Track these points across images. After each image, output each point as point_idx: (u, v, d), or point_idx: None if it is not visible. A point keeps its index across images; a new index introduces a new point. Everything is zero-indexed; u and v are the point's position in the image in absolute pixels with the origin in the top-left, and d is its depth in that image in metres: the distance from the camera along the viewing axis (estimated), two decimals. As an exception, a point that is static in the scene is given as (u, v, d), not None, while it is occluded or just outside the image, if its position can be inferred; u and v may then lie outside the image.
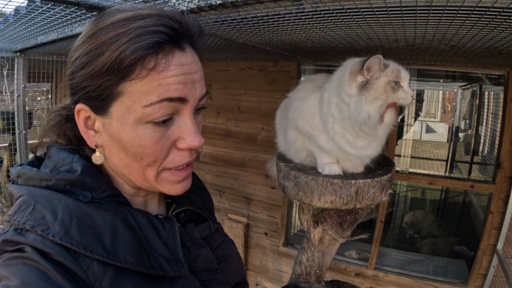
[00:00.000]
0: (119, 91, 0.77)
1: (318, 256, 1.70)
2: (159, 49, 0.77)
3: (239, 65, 3.76)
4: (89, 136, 0.85)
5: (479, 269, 3.09)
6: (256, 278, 4.17)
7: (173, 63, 0.79)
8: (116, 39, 0.74)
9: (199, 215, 1.08)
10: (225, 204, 4.18)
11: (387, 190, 1.43)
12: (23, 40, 2.53)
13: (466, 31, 1.41)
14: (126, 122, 0.80)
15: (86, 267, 0.73)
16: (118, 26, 0.76)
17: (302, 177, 1.39)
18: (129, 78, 0.76)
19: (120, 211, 0.83)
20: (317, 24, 1.48)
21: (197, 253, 0.98)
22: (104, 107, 0.80)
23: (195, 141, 0.85)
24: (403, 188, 5.69)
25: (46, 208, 0.74)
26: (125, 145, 0.82)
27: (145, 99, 0.77)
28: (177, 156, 0.87)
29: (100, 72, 0.75)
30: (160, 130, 0.82)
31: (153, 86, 0.77)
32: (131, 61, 0.74)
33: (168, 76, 0.78)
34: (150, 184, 0.89)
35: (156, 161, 0.85)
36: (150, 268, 0.81)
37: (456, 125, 6.31)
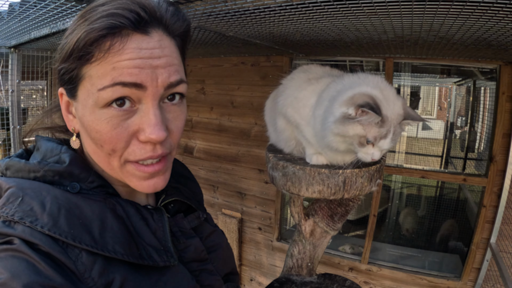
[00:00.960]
0: (82, 74, 0.77)
1: (309, 248, 1.71)
2: (117, 32, 0.75)
3: (232, 60, 3.77)
4: (68, 120, 0.87)
5: (473, 263, 3.09)
6: (250, 273, 4.17)
7: (129, 46, 0.76)
8: (80, 24, 0.76)
9: (188, 206, 1.08)
10: (219, 199, 4.19)
11: (375, 180, 1.43)
12: (16, 36, 2.54)
13: (452, 21, 1.42)
14: (87, 106, 0.78)
15: (75, 258, 0.73)
16: (87, 11, 0.77)
17: (290, 167, 1.39)
18: (89, 62, 0.76)
19: (108, 201, 0.83)
20: (304, 16, 1.49)
21: (186, 243, 0.98)
22: (73, 91, 0.81)
23: (153, 134, 0.78)
24: (398, 185, 5.69)
25: (35, 200, 0.74)
26: (87, 130, 0.81)
27: (100, 83, 0.75)
28: (137, 148, 0.81)
29: (67, 55, 0.77)
30: (117, 116, 0.78)
31: (107, 69, 0.75)
32: (86, 42, 0.74)
33: (123, 59, 0.75)
34: (118, 175, 0.87)
35: (115, 150, 0.81)
36: (140, 258, 0.81)
37: (451, 121, 6.32)
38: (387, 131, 1.19)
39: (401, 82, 4.96)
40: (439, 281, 3.22)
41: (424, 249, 3.98)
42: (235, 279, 1.21)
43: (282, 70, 3.45)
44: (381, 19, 1.48)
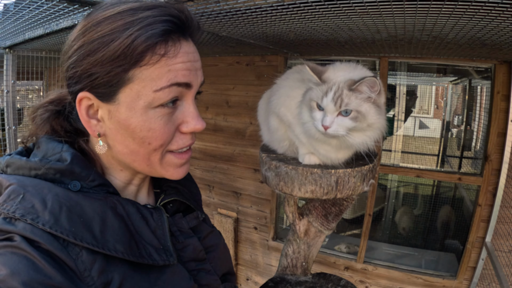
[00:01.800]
0: (129, 77, 0.79)
1: (304, 248, 1.71)
2: (169, 37, 0.81)
3: (227, 60, 3.77)
4: (91, 126, 0.86)
5: (468, 261, 3.11)
6: (246, 272, 4.18)
7: (181, 50, 0.83)
8: (128, 27, 0.76)
9: (187, 206, 1.10)
10: (215, 199, 4.19)
11: (368, 180, 1.43)
12: (11, 36, 2.54)
13: (445, 20, 1.42)
14: (136, 107, 0.82)
15: (75, 256, 0.73)
16: (127, 15, 0.78)
17: (282, 167, 1.39)
18: (139, 64, 0.79)
19: (109, 200, 0.83)
20: (296, 16, 1.49)
21: (185, 243, 1.00)
22: (112, 94, 0.81)
23: (198, 125, 0.90)
24: (394, 184, 5.70)
25: (36, 197, 0.74)
26: (134, 130, 0.84)
27: (155, 84, 0.80)
28: (180, 139, 0.91)
29: (111, 58, 0.77)
30: (168, 113, 0.85)
31: (163, 72, 0.81)
32: (144, 47, 0.77)
33: (177, 62, 0.82)
34: (154, 169, 0.92)
35: (163, 144, 0.88)
36: (139, 257, 0.82)
37: (447, 120, 6.33)
38: (328, 89, 1.23)
39: (397, 81, 4.96)
40: (435, 280, 3.23)
41: (420, 248, 3.98)
42: (232, 279, 1.22)
43: (277, 70, 3.46)
44: (373, 18, 1.48)
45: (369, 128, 1.26)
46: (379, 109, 1.25)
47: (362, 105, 1.22)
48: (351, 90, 1.21)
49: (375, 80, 1.20)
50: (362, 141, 1.28)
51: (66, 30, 1.87)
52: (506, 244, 2.82)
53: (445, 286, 3.20)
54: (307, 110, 1.31)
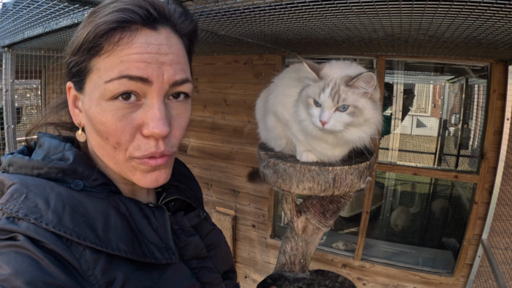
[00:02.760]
0: (90, 67, 0.79)
1: (302, 245, 1.72)
2: (126, 26, 0.77)
3: (225, 59, 3.77)
4: (74, 114, 0.88)
5: (465, 259, 3.12)
6: (244, 270, 4.19)
7: (137, 40, 0.77)
8: (91, 19, 0.78)
9: (188, 204, 1.10)
10: (213, 197, 4.20)
11: (365, 178, 1.44)
12: (10, 35, 2.53)
13: (441, 20, 1.43)
14: (93, 98, 0.80)
15: (78, 255, 0.73)
16: (98, 8, 0.79)
17: (280, 164, 1.40)
18: (98, 54, 0.77)
19: (112, 199, 0.83)
20: (294, 15, 1.50)
21: (187, 241, 0.99)
22: (81, 84, 0.82)
23: (156, 128, 0.79)
24: (391, 182, 5.71)
25: (39, 196, 0.74)
26: (92, 122, 0.81)
27: (107, 75, 0.77)
28: (142, 143, 0.82)
29: (76, 48, 0.78)
30: (122, 108, 0.79)
31: (115, 62, 0.77)
32: (96, 35, 0.76)
33: (131, 53, 0.77)
34: (121, 169, 0.86)
35: (120, 143, 0.81)
36: (142, 256, 0.82)
37: (444, 118, 6.34)
38: (325, 86, 1.25)
39: (394, 79, 4.97)
40: (432, 277, 3.25)
41: (417, 246, 4.00)
42: (233, 276, 1.22)
43: (275, 68, 3.46)
44: (370, 18, 1.49)
45: (365, 123, 1.28)
46: (375, 104, 1.27)
47: (359, 100, 1.24)
48: (348, 85, 1.23)
49: (372, 75, 1.22)
50: (358, 136, 1.30)
51: (66, 29, 1.87)
52: (503, 242, 2.84)
53: (442, 283, 3.22)
54: (304, 107, 1.32)
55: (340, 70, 1.29)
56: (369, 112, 1.25)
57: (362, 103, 1.24)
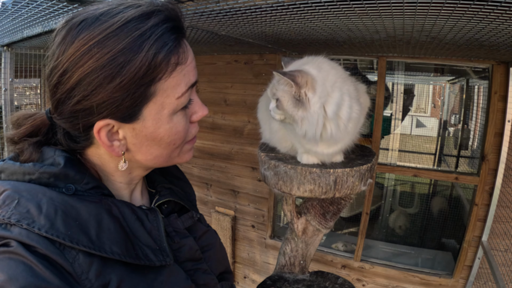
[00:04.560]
0: (152, 92, 0.80)
1: (302, 246, 1.72)
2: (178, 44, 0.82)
3: (226, 58, 3.77)
4: (115, 148, 0.85)
5: (465, 260, 3.12)
6: (244, 270, 4.19)
7: (187, 52, 0.85)
8: (139, 44, 0.75)
9: (182, 206, 1.11)
10: (212, 197, 4.20)
11: (366, 180, 1.43)
12: (9, 34, 2.53)
13: (444, 21, 1.43)
14: (162, 118, 0.84)
15: (72, 259, 0.73)
16: (130, 29, 0.75)
17: (281, 166, 1.39)
18: (159, 78, 0.79)
19: (104, 202, 0.83)
20: (295, 16, 1.50)
21: (181, 243, 1.00)
22: (136, 113, 0.81)
23: (205, 111, 0.96)
24: (391, 182, 5.71)
25: (31, 202, 0.73)
26: (162, 138, 0.87)
27: (176, 92, 0.83)
28: (193, 128, 0.96)
29: (134, 80, 0.76)
30: (186, 112, 0.90)
31: (180, 78, 0.83)
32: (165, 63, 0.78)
33: (188, 65, 0.85)
34: (172, 162, 0.97)
35: (184, 140, 0.93)
36: (136, 258, 0.82)
37: (445, 119, 6.34)
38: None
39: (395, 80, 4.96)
40: (431, 278, 3.24)
41: (416, 247, 3.99)
42: (230, 277, 1.22)
43: (275, 68, 3.44)
44: (372, 19, 1.48)
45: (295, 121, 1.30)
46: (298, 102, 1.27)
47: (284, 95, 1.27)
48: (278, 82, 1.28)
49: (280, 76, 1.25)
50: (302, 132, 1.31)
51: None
52: (502, 244, 2.84)
53: (441, 284, 3.22)
54: None
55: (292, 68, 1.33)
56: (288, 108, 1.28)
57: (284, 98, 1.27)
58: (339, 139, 1.32)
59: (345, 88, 1.29)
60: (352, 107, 1.29)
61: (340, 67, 1.38)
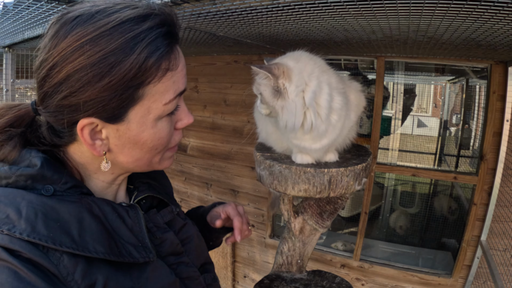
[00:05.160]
0: (140, 95, 0.80)
1: (299, 246, 1.72)
2: (170, 49, 0.82)
3: (225, 59, 3.78)
4: (97, 147, 0.84)
5: (464, 260, 3.12)
6: (244, 270, 4.20)
7: (179, 59, 0.85)
8: (132, 45, 0.75)
9: (160, 200, 1.11)
10: (212, 196, 4.21)
11: (361, 179, 1.44)
12: (10, 36, 2.54)
13: (439, 21, 1.43)
14: (147, 122, 0.84)
15: (56, 261, 0.73)
16: (125, 30, 0.75)
17: (276, 166, 1.40)
18: (148, 82, 0.79)
19: (84, 201, 0.82)
20: (291, 17, 1.51)
21: (162, 238, 1.00)
22: (121, 114, 0.81)
23: (191, 119, 0.96)
24: (391, 182, 5.71)
25: (10, 207, 0.73)
26: (145, 142, 0.87)
27: (164, 98, 0.83)
28: (176, 135, 0.96)
29: (123, 81, 0.75)
30: (171, 119, 0.90)
31: (169, 85, 0.83)
32: (156, 68, 0.78)
33: (178, 72, 0.85)
34: (152, 167, 0.97)
35: (166, 146, 0.93)
36: (120, 256, 0.82)
37: (445, 118, 6.33)
38: None
39: (395, 80, 4.96)
40: (431, 278, 3.25)
41: (416, 246, 3.99)
42: (211, 268, 1.23)
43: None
44: (367, 20, 1.49)
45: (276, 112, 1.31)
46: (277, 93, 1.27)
47: (265, 89, 1.28)
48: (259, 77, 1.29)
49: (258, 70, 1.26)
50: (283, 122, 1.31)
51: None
52: (501, 243, 2.84)
53: (440, 284, 3.22)
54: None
55: None
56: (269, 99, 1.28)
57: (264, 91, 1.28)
58: (322, 131, 1.30)
59: (324, 78, 1.28)
60: (333, 96, 1.28)
61: (321, 60, 1.37)
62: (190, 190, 4.37)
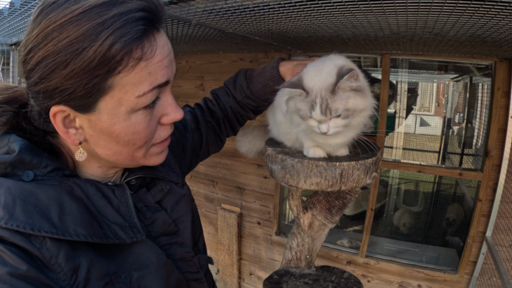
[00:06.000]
0: (108, 85, 0.75)
1: (308, 241, 1.73)
2: (144, 36, 0.76)
3: (231, 57, 3.76)
4: (71, 135, 0.82)
5: (469, 256, 3.12)
6: (249, 267, 4.20)
7: (157, 48, 0.79)
8: (99, 31, 0.70)
9: (151, 179, 1.07)
10: (218, 194, 4.20)
11: (371, 173, 1.45)
12: (18, 33, 2.54)
13: (446, 18, 1.45)
14: (118, 114, 0.79)
15: (39, 245, 0.73)
16: (93, 14, 0.70)
17: (288, 160, 1.41)
18: (117, 71, 0.74)
19: (64, 184, 0.80)
20: (302, 13, 1.52)
21: (153, 217, 0.99)
22: (91, 104, 0.77)
23: (178, 115, 0.90)
24: (395, 181, 5.71)
25: None
26: (118, 136, 0.82)
27: (137, 90, 0.78)
28: (162, 131, 0.92)
29: (86, 70, 0.71)
30: (150, 113, 0.85)
31: (143, 76, 0.78)
32: (122, 55, 0.73)
33: (155, 62, 0.79)
34: (137, 162, 0.93)
35: (147, 141, 0.88)
36: (104, 237, 0.81)
37: (448, 117, 6.33)
38: (313, 102, 1.24)
39: (398, 78, 4.97)
40: (436, 274, 3.25)
41: (421, 243, 4.00)
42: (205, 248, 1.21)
43: (280, 67, 3.45)
44: (376, 16, 1.50)
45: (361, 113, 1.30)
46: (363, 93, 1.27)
47: (348, 101, 1.24)
48: (334, 93, 1.23)
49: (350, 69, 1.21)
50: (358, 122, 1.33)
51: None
52: (507, 239, 2.85)
53: (446, 280, 3.23)
54: (298, 117, 1.33)
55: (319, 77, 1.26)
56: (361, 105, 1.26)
57: (352, 102, 1.24)
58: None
59: None
60: None
61: None
62: (196, 187, 4.36)
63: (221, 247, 4.26)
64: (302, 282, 1.69)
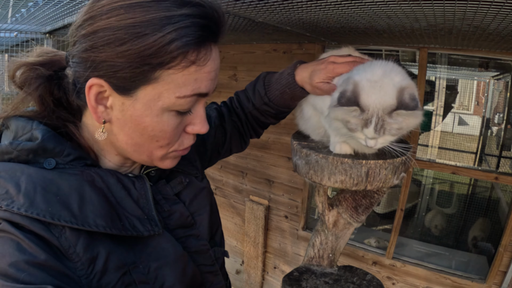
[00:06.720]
0: (155, 77, 0.78)
1: (331, 239, 1.70)
2: (202, 43, 0.79)
3: (264, 47, 3.74)
4: (98, 111, 0.83)
5: (499, 265, 3.00)
6: (274, 261, 4.20)
7: (210, 58, 0.82)
8: (163, 24, 0.73)
9: (171, 171, 1.08)
10: (247, 185, 4.22)
11: (400, 173, 1.39)
12: (51, 22, 2.59)
13: (486, 9, 1.37)
14: (153, 107, 0.81)
15: (58, 234, 0.73)
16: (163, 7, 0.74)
17: (313, 155, 1.37)
18: (168, 66, 0.77)
19: (86, 173, 0.82)
20: (333, 2, 1.46)
21: (170, 210, 1.00)
22: (131, 88, 0.79)
23: (203, 128, 0.92)
24: (429, 180, 5.60)
25: (9, 182, 0.73)
26: (146, 128, 0.83)
27: (179, 91, 0.80)
28: (185, 139, 0.93)
29: (141, 55, 0.74)
30: (181, 117, 0.87)
31: (189, 80, 0.80)
32: (178, 53, 0.75)
33: (205, 71, 0.82)
34: (151, 161, 0.93)
35: (169, 143, 0.89)
36: (123, 229, 0.82)
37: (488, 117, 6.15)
38: (368, 121, 1.16)
39: (437, 74, 4.86)
40: (463, 282, 3.14)
41: (451, 248, 3.90)
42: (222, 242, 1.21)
43: (314, 58, 3.40)
44: (411, 6, 1.43)
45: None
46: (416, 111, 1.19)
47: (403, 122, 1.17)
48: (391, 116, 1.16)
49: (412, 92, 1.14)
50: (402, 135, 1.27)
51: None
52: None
53: (473, 288, 3.13)
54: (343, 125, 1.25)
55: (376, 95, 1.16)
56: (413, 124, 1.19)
57: (406, 123, 1.18)
58: None
59: None
60: None
61: None
62: (225, 178, 4.39)
63: (247, 239, 4.29)
64: (323, 281, 1.66)
